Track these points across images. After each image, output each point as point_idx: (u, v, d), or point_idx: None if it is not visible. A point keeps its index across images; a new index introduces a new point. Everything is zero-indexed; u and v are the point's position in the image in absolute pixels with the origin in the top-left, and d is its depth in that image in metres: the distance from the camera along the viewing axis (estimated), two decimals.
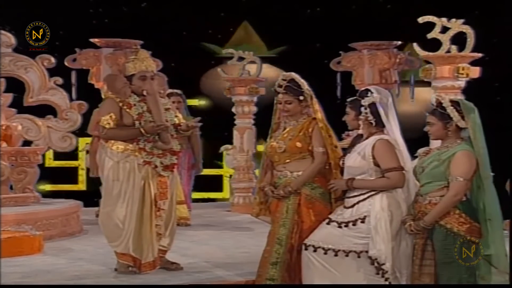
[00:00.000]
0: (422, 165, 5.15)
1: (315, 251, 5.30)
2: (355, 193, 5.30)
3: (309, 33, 13.13)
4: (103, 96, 9.21)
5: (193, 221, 9.51)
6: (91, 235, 8.66)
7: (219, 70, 11.13)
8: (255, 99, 11.08)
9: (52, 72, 9.80)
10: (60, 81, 9.83)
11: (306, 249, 5.36)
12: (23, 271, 6.71)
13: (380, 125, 5.31)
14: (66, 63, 10.58)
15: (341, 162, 5.45)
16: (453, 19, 8.39)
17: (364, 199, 5.25)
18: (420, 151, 5.39)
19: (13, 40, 9.54)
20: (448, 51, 8.41)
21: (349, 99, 5.47)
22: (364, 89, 5.43)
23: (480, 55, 8.49)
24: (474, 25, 8.40)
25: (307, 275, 5.37)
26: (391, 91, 9.62)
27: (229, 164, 11.36)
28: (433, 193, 5.07)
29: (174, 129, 6.64)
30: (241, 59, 11.01)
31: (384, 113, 5.29)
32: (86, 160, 9.81)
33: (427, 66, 8.61)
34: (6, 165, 8.81)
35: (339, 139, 6.01)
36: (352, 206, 5.30)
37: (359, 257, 5.20)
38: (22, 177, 9.11)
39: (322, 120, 5.64)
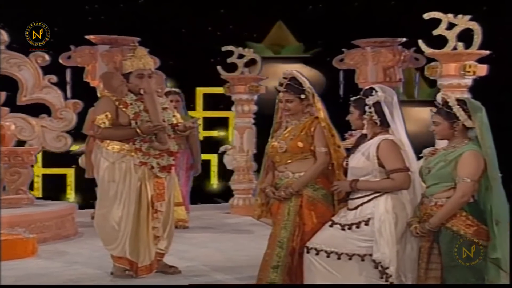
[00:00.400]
0: (428, 165, 5.09)
1: (317, 254, 5.25)
2: (358, 195, 5.25)
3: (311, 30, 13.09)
4: (99, 95, 9.16)
5: (191, 223, 9.51)
6: (86, 238, 8.68)
7: (218, 68, 11.04)
8: (255, 97, 11.03)
9: (46, 70, 9.74)
10: (55, 79, 9.76)
11: (308, 252, 5.31)
12: (17, 274, 6.72)
13: (385, 125, 5.25)
14: (60, 61, 10.58)
15: (344, 163, 5.41)
16: (460, 15, 8.33)
17: (368, 200, 5.19)
18: (426, 151, 5.34)
19: (6, 37, 9.46)
20: (455, 48, 8.34)
21: (352, 98, 5.43)
22: (368, 87, 5.39)
23: (488, 52, 8.44)
24: (482, 22, 8.34)
25: (309, 279, 5.32)
26: (396, 89, 9.56)
27: (229, 164, 11.26)
28: (440, 194, 5.00)
29: (172, 129, 6.62)
30: (241, 56, 10.90)
31: (389, 112, 5.23)
32: (81, 160, 9.73)
33: (433, 63, 8.55)
34: None
35: (342, 139, 6.01)
36: (356, 208, 5.24)
37: (362, 260, 5.15)
38: (16, 178, 9.08)
39: (325, 119, 5.58)
